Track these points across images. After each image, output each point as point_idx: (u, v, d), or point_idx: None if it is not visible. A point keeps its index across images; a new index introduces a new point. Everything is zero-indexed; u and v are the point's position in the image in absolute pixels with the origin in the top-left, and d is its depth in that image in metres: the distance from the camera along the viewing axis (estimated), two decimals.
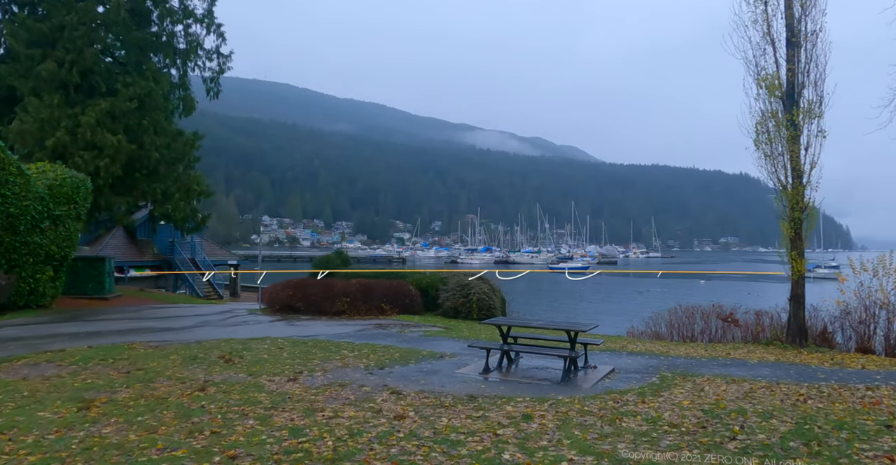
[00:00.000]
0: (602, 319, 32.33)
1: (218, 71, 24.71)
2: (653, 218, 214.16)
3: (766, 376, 8.14)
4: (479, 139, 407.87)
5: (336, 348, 10.53)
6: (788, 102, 14.06)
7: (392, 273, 19.97)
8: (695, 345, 13.26)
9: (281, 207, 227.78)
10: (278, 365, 8.70)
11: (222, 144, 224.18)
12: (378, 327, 14.30)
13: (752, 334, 14.69)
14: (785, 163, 14.10)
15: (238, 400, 6.15)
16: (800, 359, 10.45)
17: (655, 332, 16.12)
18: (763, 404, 6.18)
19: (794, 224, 13.73)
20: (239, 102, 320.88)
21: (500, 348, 8.28)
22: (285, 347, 10.62)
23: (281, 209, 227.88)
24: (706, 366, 9.19)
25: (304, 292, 16.99)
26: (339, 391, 6.78)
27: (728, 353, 11.30)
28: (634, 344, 12.78)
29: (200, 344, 11.03)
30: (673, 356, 10.24)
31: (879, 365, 10.11)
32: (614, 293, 52.52)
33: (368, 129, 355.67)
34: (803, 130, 13.84)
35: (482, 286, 17.37)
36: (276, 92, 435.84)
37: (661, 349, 11.56)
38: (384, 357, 9.47)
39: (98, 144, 19.81)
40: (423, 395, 6.53)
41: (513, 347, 8.37)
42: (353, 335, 12.58)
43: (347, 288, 17.02)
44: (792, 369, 9.04)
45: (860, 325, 13.69)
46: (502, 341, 8.47)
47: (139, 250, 31.88)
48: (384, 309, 17.04)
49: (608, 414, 5.64)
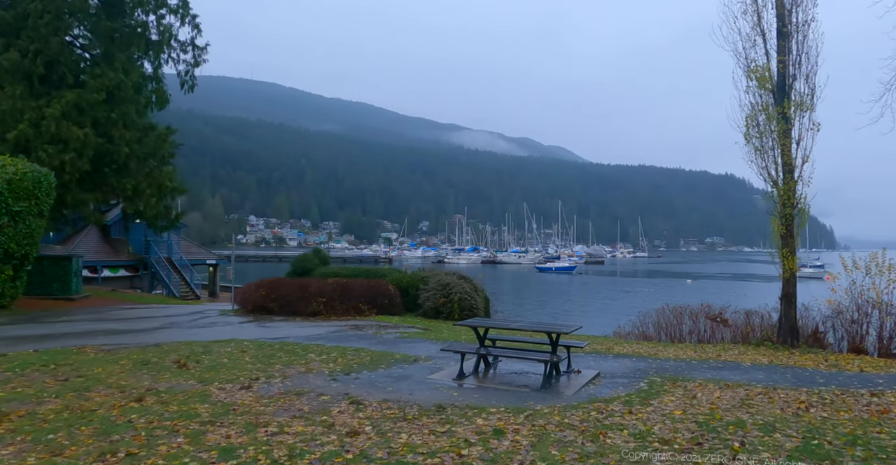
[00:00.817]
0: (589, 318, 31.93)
1: (193, 63, 23.79)
2: (639, 218, 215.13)
3: (762, 381, 7.56)
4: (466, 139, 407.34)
5: (303, 351, 9.83)
6: (779, 94, 13.59)
7: (371, 272, 19.25)
8: (683, 346, 12.70)
9: (267, 207, 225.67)
10: (236, 371, 7.99)
11: (208, 144, 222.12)
12: (354, 328, 13.61)
13: (742, 335, 14.23)
14: (776, 157, 13.64)
15: (174, 413, 5.45)
16: (793, 361, 9.91)
17: (643, 332, 15.60)
18: (762, 413, 5.58)
19: (785, 221, 13.26)
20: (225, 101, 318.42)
21: (475, 351, 7.63)
22: (249, 350, 9.91)
23: (268, 209, 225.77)
24: (697, 369, 8.60)
25: (278, 292, 16.25)
26: (294, 400, 6.09)
27: (719, 355, 10.75)
28: (621, 345, 12.19)
29: (159, 347, 10.29)
30: (661, 359, 9.65)
31: (877, 367, 9.60)
32: (602, 293, 52.10)
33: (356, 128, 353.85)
34: (795, 123, 13.40)
35: (464, 286, 16.71)
36: (262, 91, 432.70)
37: (649, 351, 10.97)
38: (353, 362, 8.79)
39: (63, 137, 18.88)
40: (387, 405, 5.86)
41: (490, 350, 7.72)
42: (325, 337, 11.88)
43: (323, 288, 16.31)
44: (788, 372, 8.47)
45: (853, 325, 13.22)
46: (479, 344, 7.82)
47: (113, 249, 30.89)
48: (362, 310, 16.33)
49: (591, 428, 5.00)
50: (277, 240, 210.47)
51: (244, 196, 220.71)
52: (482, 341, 7.83)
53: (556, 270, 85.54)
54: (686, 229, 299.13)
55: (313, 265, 20.01)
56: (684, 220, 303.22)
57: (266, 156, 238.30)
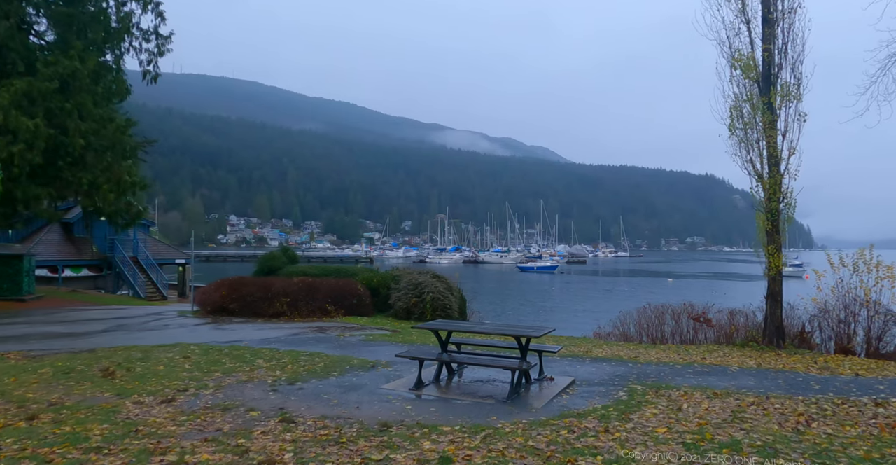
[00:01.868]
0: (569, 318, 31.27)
1: (156, 53, 22.63)
2: (621, 218, 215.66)
3: (752, 388, 6.83)
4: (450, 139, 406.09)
5: (253, 356, 8.93)
6: (764, 84, 13.01)
7: (342, 271, 18.33)
8: (666, 348, 11.99)
9: (248, 207, 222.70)
10: (167, 380, 7.09)
11: (188, 143, 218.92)
12: (317, 330, 12.72)
13: (726, 335, 13.62)
14: (761, 150, 13.04)
15: (62, 436, 4.55)
16: (782, 364, 9.23)
17: (623, 333, 14.93)
18: (759, 430, 4.82)
19: (770, 216, 12.66)
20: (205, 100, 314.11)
21: (436, 358, 6.79)
22: (193, 355, 8.98)
23: (248, 209, 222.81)
24: (681, 375, 7.85)
25: (239, 293, 15.29)
26: (216, 417, 5.22)
27: (703, 357, 10.04)
28: (601, 348, 11.43)
29: (93, 353, 9.33)
30: (643, 363, 8.89)
31: (870, 370, 8.94)
32: (583, 292, 51.55)
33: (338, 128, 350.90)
34: (780, 113, 12.83)
35: (437, 285, 15.87)
36: (244, 90, 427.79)
37: (630, 354, 10.23)
38: (303, 368, 7.92)
39: (12, 128, 17.66)
40: (322, 423, 5.00)
41: (454, 356, 6.89)
42: (283, 341, 10.98)
43: (288, 288, 15.39)
44: (779, 377, 7.76)
45: (840, 324, 12.63)
46: (441, 349, 6.99)
47: (76, 248, 29.57)
48: (328, 310, 15.44)
49: (559, 453, 4.18)
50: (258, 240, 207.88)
51: (225, 196, 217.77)
52: (444, 345, 7.00)
53: (537, 269, 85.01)
54: (667, 229, 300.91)
55: (280, 264, 19.04)
56: (665, 220, 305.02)
57: (247, 155, 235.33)
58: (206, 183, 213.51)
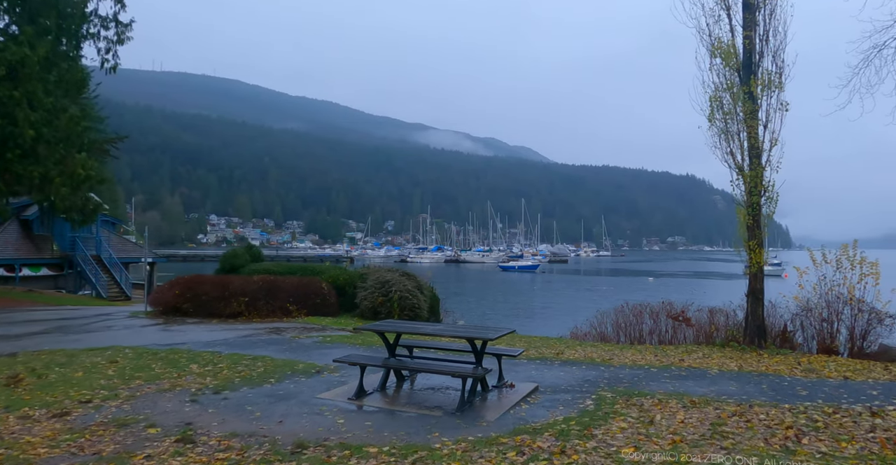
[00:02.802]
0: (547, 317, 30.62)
1: (115, 41, 21.56)
2: (603, 218, 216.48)
3: (734, 395, 6.15)
4: (433, 139, 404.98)
5: (189, 360, 8.08)
6: (745, 73, 12.43)
7: (308, 269, 17.45)
8: (643, 348, 11.33)
9: (229, 206, 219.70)
10: (77, 388, 6.23)
11: (168, 141, 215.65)
12: (272, 331, 11.87)
13: (706, 335, 13.03)
14: (741, 141, 12.45)
15: None
16: (765, 366, 8.60)
17: (600, 333, 14.28)
18: (742, 449, 4.11)
19: (752, 210, 12.07)
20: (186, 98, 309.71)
21: (382, 363, 6.00)
22: (123, 360, 8.11)
23: (229, 208, 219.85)
24: (657, 379, 7.16)
25: (194, 292, 14.35)
26: (104, 436, 4.40)
27: (681, 359, 9.38)
28: (573, 349, 10.73)
29: (13, 357, 8.43)
30: (617, 366, 8.19)
31: (857, 372, 8.34)
32: (563, 291, 51.03)
33: (321, 127, 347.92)
34: (762, 103, 12.23)
35: (405, 283, 15.08)
36: (225, 88, 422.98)
37: (604, 356, 9.53)
38: (239, 374, 7.09)
39: None
40: (227, 444, 4.21)
41: (401, 362, 6.11)
42: (231, 343, 10.13)
43: (247, 286, 14.49)
44: (762, 381, 7.09)
45: (823, 323, 12.06)
46: (388, 353, 6.21)
47: (35, 246, 28.29)
48: (290, 310, 14.57)
49: None
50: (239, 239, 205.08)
51: (205, 195, 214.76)
52: (392, 349, 6.22)
53: (518, 268, 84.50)
54: (648, 229, 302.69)
55: (243, 262, 18.11)
56: (647, 219, 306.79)
57: (228, 154, 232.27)
58: (185, 182, 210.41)
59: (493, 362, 6.56)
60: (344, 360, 5.98)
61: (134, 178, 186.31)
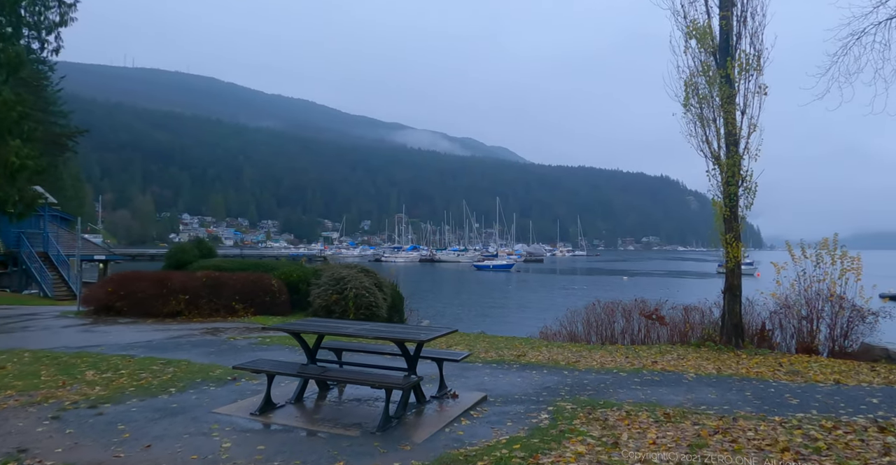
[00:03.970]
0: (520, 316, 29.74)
1: (58, 22, 20.11)
2: (579, 218, 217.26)
3: (714, 404, 5.26)
4: (410, 139, 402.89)
5: (89, 366, 6.97)
6: (722, 56, 11.67)
7: (261, 265, 16.29)
8: (613, 349, 10.45)
9: (202, 206, 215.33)
10: None
11: (139, 138, 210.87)
12: (209, 332, 10.75)
13: (681, 334, 12.27)
14: (718, 128, 11.66)
15: None
16: (745, 368, 7.77)
17: (571, 332, 13.42)
18: None
19: (729, 201, 11.31)
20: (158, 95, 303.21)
21: (298, 371, 4.96)
22: (15, 365, 6.99)
23: (202, 207, 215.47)
24: (626, 385, 6.25)
25: (129, 289, 13.13)
26: None
27: (654, 361, 8.50)
28: (538, 351, 9.80)
29: None
30: (582, 370, 7.26)
31: (846, 374, 7.57)
32: (537, 290, 50.31)
33: (297, 126, 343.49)
34: (739, 87, 11.46)
35: (362, 280, 14.02)
36: (199, 86, 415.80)
37: (570, 358, 8.61)
38: (137, 383, 6.02)
39: None
40: None
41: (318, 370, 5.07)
42: (153, 345, 9.00)
43: (189, 283, 13.32)
44: (745, 387, 6.22)
45: (802, 321, 11.34)
46: (307, 358, 5.18)
47: None
48: (236, 309, 13.44)
49: None
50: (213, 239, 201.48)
51: (177, 194, 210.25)
52: (312, 353, 5.20)
53: (493, 268, 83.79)
54: (623, 229, 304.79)
55: (191, 258, 16.88)
56: (622, 220, 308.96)
57: (201, 152, 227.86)
58: (157, 180, 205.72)
59: (434, 368, 5.57)
60: (245, 367, 4.93)
61: (104, 176, 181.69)
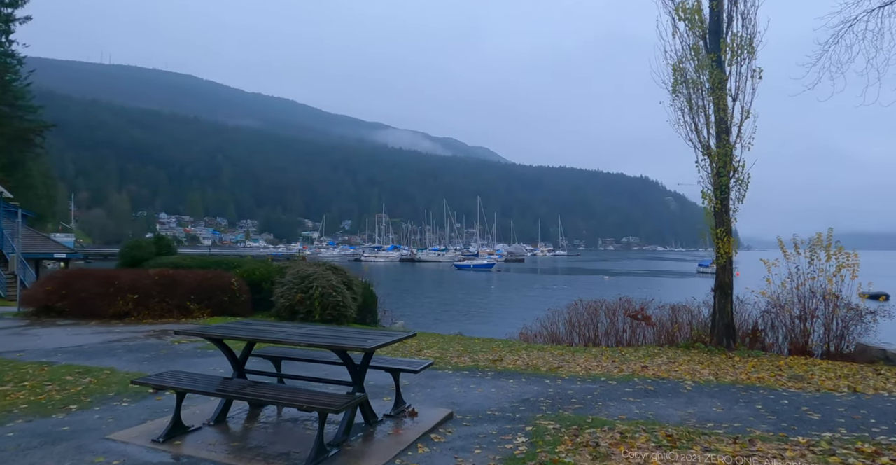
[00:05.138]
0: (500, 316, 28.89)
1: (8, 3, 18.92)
2: (559, 218, 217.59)
3: (722, 420, 4.42)
4: (391, 138, 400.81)
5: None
6: (713, 39, 10.94)
7: (223, 263, 15.21)
8: (598, 352, 9.62)
9: (180, 205, 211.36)
10: None
11: (115, 136, 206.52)
12: (154, 335, 9.71)
13: (668, 335, 11.52)
14: (708, 115, 10.89)
15: None
16: (744, 374, 6.98)
17: (552, 333, 12.64)
18: None
19: (720, 193, 10.57)
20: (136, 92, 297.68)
21: (215, 388, 3.99)
22: None
23: (180, 206, 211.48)
24: (617, 396, 5.39)
25: (72, 288, 11.99)
26: None
27: (644, 365, 7.67)
28: (517, 354, 8.91)
29: None
30: (565, 378, 6.39)
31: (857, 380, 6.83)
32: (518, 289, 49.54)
33: (277, 124, 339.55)
34: (731, 71, 10.73)
35: (330, 278, 13.03)
36: (177, 83, 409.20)
37: (551, 363, 7.73)
38: (36, 397, 5.03)
39: None
40: None
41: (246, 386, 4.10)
42: (83, 351, 7.95)
43: (139, 282, 12.21)
44: (752, 397, 5.40)
45: (796, 321, 10.64)
46: (234, 370, 4.22)
47: None
48: (191, 310, 12.37)
49: None
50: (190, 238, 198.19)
51: (154, 193, 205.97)
52: (240, 364, 4.24)
53: (473, 267, 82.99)
54: (604, 229, 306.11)
55: (147, 254, 15.74)
56: (602, 220, 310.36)
57: (179, 151, 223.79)
58: (134, 179, 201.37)
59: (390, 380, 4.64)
60: (147, 381, 3.96)
61: (78, 174, 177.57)
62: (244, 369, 4.34)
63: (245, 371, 4.37)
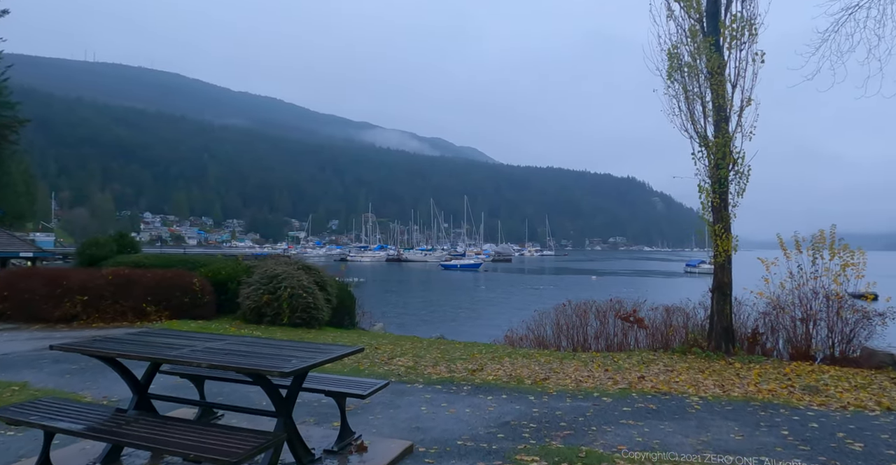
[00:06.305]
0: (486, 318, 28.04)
1: None
2: (547, 218, 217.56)
3: (743, 451, 3.59)
4: (379, 138, 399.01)
5: None
6: (710, 22, 10.20)
7: (188, 262, 14.21)
8: (588, 358, 8.80)
9: (165, 204, 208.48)
10: None
11: (99, 134, 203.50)
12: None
13: (663, 338, 10.75)
14: (706, 104, 10.13)
15: None
16: (753, 385, 6.21)
17: (539, 336, 11.86)
18: None
19: (718, 187, 9.82)
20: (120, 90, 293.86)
21: (87, 428, 3.05)
22: None
23: (165, 206, 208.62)
24: (613, 418, 4.54)
25: (15, 288, 10.99)
26: None
27: (641, 376, 6.85)
28: (499, 362, 8.04)
29: None
30: (553, 394, 5.53)
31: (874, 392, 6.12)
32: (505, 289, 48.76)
33: (264, 124, 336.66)
34: (731, 56, 9.98)
35: (300, 278, 12.09)
36: (163, 81, 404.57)
37: (538, 373, 6.87)
38: None
39: None
40: None
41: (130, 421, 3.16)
42: (8, 361, 6.99)
43: (90, 282, 11.22)
44: (775, 419, 4.58)
45: (797, 323, 9.91)
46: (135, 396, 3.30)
47: None
48: (148, 312, 11.39)
49: None
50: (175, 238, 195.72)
51: (139, 192, 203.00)
52: (142, 389, 3.33)
53: (460, 267, 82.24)
54: (591, 229, 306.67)
55: (107, 253, 14.71)
56: (589, 220, 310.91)
57: (164, 149, 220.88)
58: (118, 178, 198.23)
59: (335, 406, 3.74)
60: (3, 416, 3.02)
61: (61, 172, 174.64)
62: (148, 395, 3.43)
63: (151, 397, 3.46)
